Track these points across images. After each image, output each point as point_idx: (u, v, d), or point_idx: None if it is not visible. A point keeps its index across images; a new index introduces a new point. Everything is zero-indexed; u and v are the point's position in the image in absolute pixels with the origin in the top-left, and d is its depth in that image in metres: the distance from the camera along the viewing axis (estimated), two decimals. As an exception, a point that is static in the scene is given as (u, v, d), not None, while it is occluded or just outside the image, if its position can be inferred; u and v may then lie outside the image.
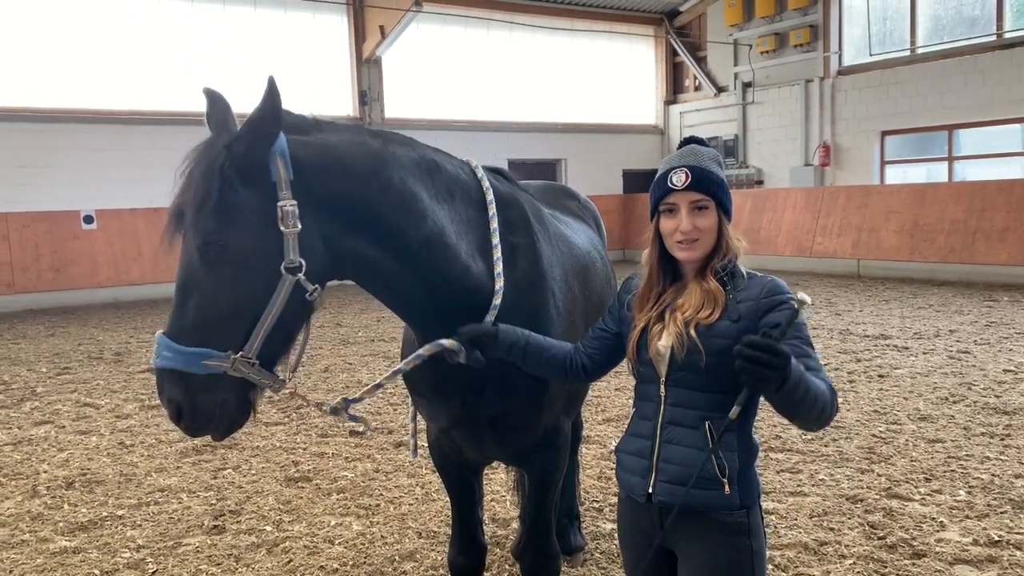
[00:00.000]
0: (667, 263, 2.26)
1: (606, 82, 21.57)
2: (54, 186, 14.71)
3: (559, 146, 20.77)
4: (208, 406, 2.17)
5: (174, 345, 2.11)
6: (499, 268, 2.55)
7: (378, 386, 2.54)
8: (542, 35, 20.28)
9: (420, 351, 2.46)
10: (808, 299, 1.92)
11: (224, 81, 15.40)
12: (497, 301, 2.52)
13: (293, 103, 2.26)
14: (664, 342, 2.17)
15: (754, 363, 1.81)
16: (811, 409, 1.93)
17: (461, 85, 19.29)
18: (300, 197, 2.16)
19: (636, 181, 21.86)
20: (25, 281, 14.37)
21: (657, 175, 2.24)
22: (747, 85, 20.24)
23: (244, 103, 2.20)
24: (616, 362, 2.45)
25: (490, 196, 2.64)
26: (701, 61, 21.49)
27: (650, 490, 2.17)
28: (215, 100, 2.29)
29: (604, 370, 2.48)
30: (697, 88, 21.77)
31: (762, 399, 2.10)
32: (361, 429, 2.52)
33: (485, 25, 19.42)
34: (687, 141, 2.31)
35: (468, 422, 2.72)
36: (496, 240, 2.58)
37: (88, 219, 14.98)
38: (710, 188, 2.16)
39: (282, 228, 2.14)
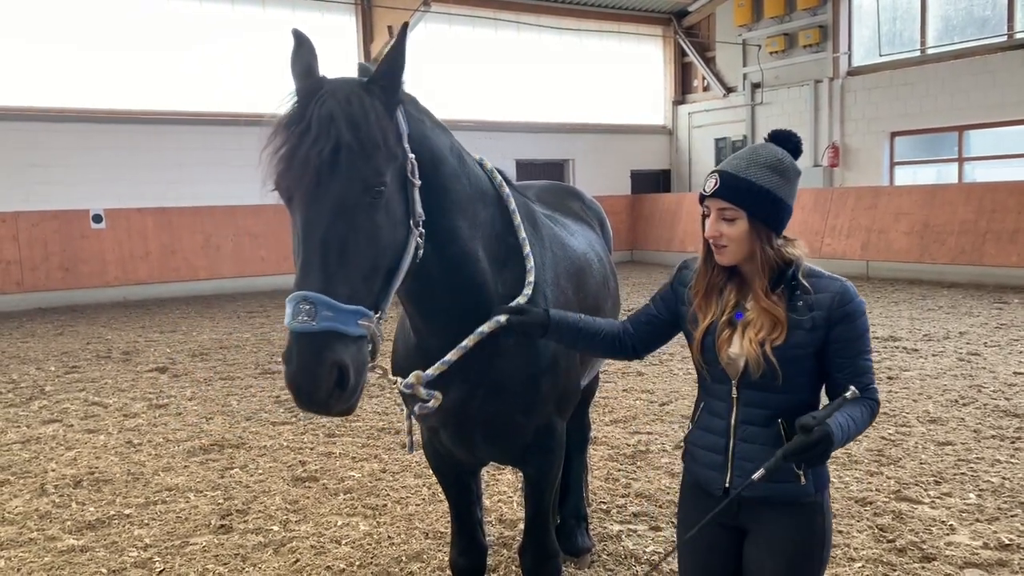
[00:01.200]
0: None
1: (614, 82, 21.52)
2: (63, 185, 14.76)
3: (567, 146, 20.74)
4: (363, 370, 1.95)
5: (335, 303, 1.88)
6: (531, 263, 2.57)
7: (445, 363, 2.41)
8: (550, 35, 20.25)
9: (482, 328, 2.39)
10: (858, 392, 2.08)
11: (232, 81, 15.62)
12: (528, 291, 2.53)
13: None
14: (736, 349, 2.18)
15: (811, 462, 2.01)
16: (856, 437, 2.14)
17: (469, 85, 19.27)
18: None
19: (644, 181, 21.82)
20: (34, 280, 14.43)
21: None
22: (756, 85, 20.17)
23: (252, 102, 2.16)
24: (663, 343, 2.50)
25: (506, 190, 2.64)
26: (710, 61, 21.43)
27: (727, 484, 2.22)
28: (302, 43, 2.17)
29: (652, 350, 2.53)
30: (706, 88, 21.71)
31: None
32: (432, 404, 2.36)
33: (493, 25, 19.42)
34: (771, 134, 2.30)
35: (458, 421, 2.70)
36: (523, 235, 2.60)
37: (97, 218, 15.04)
38: (736, 197, 2.13)
39: (413, 180, 2.07)
